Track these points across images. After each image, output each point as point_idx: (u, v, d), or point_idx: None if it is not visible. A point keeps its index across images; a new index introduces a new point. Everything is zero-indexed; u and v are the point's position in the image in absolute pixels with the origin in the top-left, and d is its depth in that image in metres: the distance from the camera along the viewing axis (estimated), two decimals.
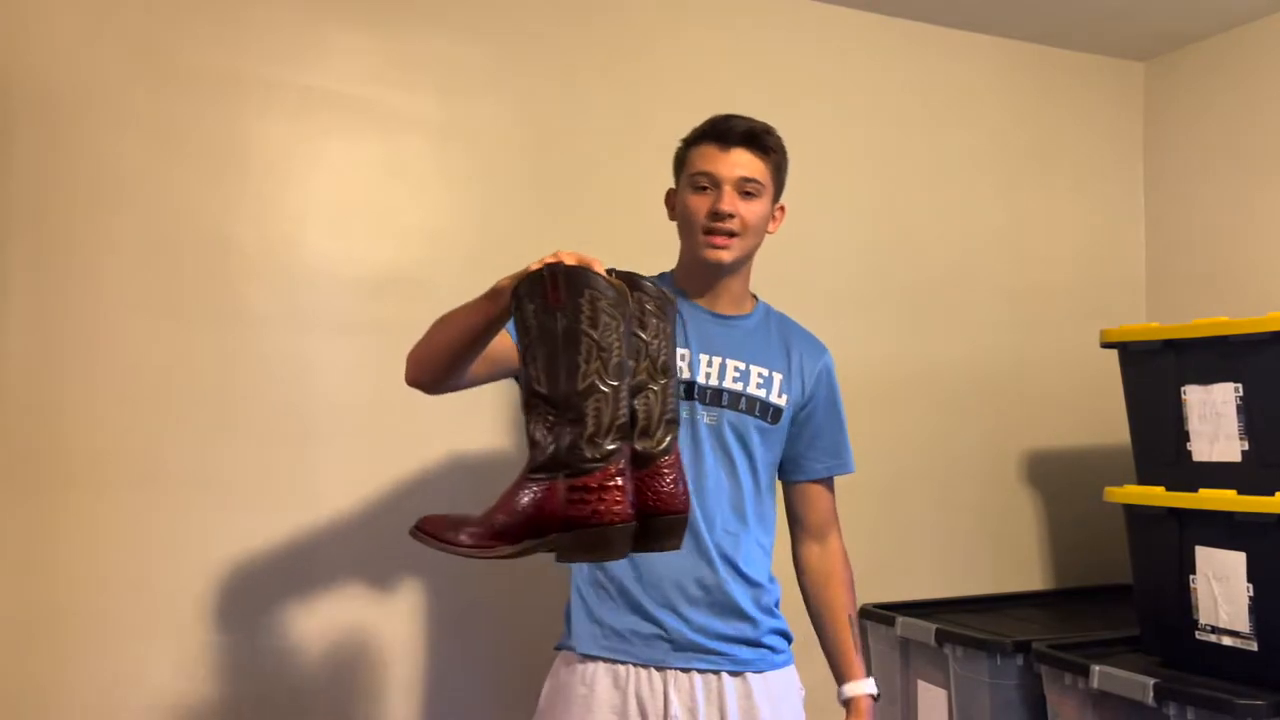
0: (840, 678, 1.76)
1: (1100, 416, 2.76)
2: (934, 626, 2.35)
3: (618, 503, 1.25)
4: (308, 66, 2.15)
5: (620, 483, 1.25)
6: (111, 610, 1.96)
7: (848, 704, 1.74)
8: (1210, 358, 2.03)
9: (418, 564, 2.18)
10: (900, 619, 2.45)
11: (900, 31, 2.73)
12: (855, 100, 2.67)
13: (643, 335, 1.32)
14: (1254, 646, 1.93)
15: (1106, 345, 2.25)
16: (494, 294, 1.38)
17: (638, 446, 1.30)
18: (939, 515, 2.71)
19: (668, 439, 1.32)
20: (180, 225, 2.04)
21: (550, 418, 1.24)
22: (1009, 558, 2.79)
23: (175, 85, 2.05)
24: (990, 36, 2.84)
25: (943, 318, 2.75)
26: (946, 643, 2.32)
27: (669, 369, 1.33)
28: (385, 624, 2.16)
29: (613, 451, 1.24)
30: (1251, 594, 1.93)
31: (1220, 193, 2.81)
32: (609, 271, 1.29)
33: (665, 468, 1.32)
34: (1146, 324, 2.18)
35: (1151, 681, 1.92)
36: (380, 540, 2.15)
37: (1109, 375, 2.32)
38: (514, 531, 1.24)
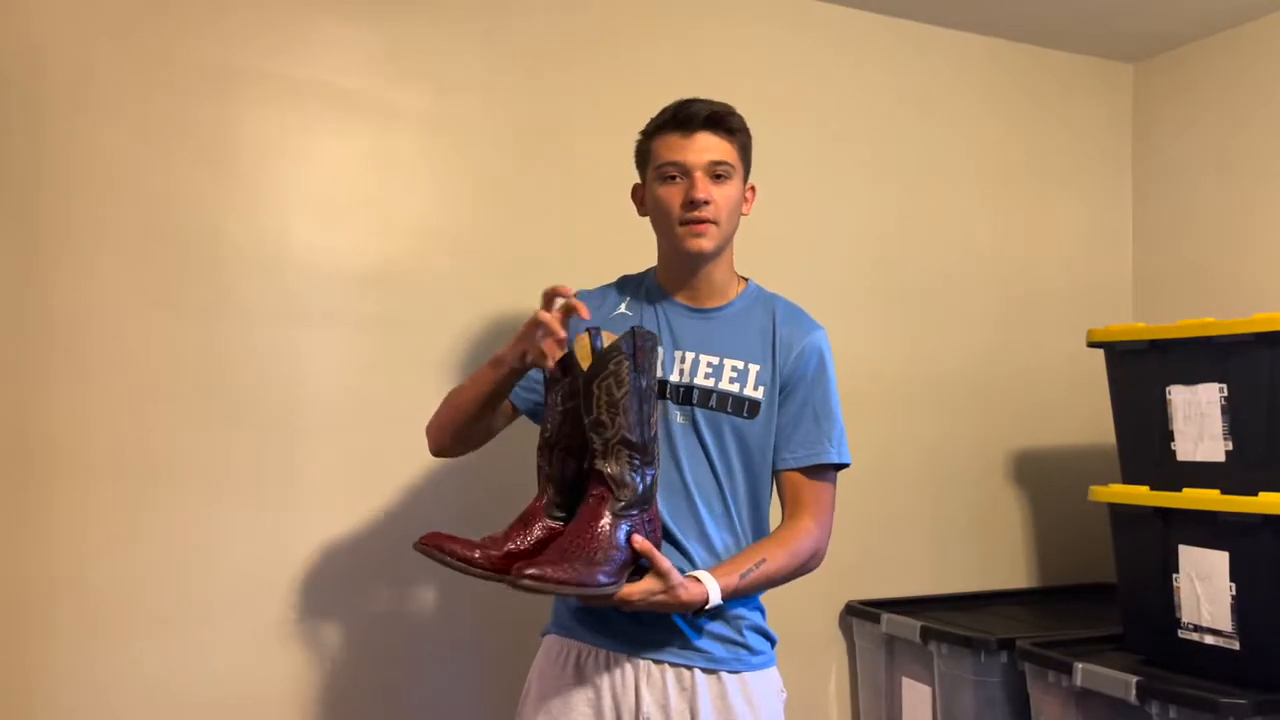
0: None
1: (1087, 416, 2.78)
2: (919, 623, 2.36)
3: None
4: (299, 58, 2.14)
5: None
6: (98, 603, 1.95)
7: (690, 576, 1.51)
8: (1195, 358, 2.04)
9: (404, 554, 2.17)
10: (886, 616, 2.46)
11: (885, 29, 2.72)
12: (839, 98, 2.67)
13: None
14: (1236, 645, 1.95)
15: (1093, 345, 2.26)
16: (497, 363, 1.59)
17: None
18: (925, 513, 2.72)
19: None
20: (170, 216, 2.03)
21: (635, 460, 1.41)
22: (995, 555, 2.80)
23: (166, 76, 2.04)
24: (978, 36, 2.84)
25: (930, 318, 2.76)
26: (931, 640, 2.33)
27: None
28: (374, 613, 2.16)
29: None
30: (1234, 593, 1.95)
31: (1207, 194, 2.83)
32: (599, 328, 1.51)
33: None
34: (1132, 324, 2.19)
35: (1134, 679, 1.93)
36: (368, 531, 2.15)
37: (1096, 375, 2.33)
38: (629, 562, 1.41)
